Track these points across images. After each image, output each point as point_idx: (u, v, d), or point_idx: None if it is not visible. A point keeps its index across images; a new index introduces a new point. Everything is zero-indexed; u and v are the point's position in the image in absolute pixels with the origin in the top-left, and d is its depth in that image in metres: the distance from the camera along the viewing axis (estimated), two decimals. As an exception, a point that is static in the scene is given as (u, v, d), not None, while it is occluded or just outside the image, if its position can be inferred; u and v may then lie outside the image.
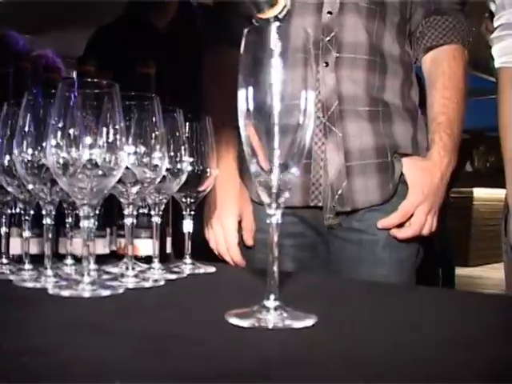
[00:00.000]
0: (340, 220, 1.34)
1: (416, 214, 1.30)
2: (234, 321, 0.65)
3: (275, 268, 0.66)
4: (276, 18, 0.75)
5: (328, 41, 1.29)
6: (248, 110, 0.63)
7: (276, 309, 0.65)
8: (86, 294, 0.82)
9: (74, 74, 1.11)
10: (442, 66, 1.37)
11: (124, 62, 1.23)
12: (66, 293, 0.83)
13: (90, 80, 0.82)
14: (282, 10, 0.75)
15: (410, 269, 1.36)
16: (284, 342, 0.59)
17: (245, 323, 0.64)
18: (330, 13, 1.29)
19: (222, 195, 1.38)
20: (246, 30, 0.64)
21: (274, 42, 0.62)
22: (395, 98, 1.35)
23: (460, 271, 5.77)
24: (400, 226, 1.31)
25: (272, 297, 0.66)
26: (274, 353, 0.56)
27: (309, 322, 0.64)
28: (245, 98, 0.63)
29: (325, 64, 1.29)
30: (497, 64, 1.37)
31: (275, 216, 0.67)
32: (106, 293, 0.84)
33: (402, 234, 1.31)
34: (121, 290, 0.86)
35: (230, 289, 0.97)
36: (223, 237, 1.40)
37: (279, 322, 0.63)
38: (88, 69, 1.06)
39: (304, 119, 0.64)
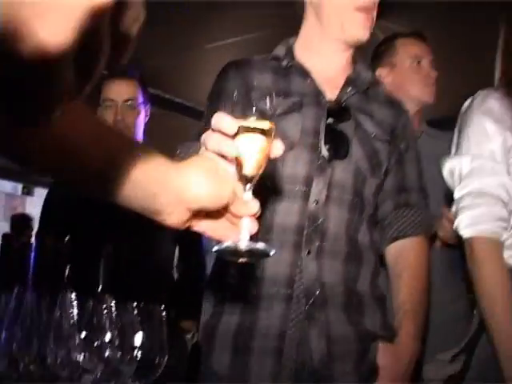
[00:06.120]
0: None
1: None
2: None
3: None
4: None
5: (312, 230, 1.30)
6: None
7: None
8: None
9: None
10: (409, 257, 1.41)
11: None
12: None
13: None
14: None
15: None
16: None
17: None
18: (316, 202, 1.31)
19: None
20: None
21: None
22: (366, 287, 1.36)
23: None
24: None
25: None
26: None
27: None
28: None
29: (307, 252, 1.29)
30: (468, 233, 1.34)
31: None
32: None
33: None
34: None
35: None
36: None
37: None
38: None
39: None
